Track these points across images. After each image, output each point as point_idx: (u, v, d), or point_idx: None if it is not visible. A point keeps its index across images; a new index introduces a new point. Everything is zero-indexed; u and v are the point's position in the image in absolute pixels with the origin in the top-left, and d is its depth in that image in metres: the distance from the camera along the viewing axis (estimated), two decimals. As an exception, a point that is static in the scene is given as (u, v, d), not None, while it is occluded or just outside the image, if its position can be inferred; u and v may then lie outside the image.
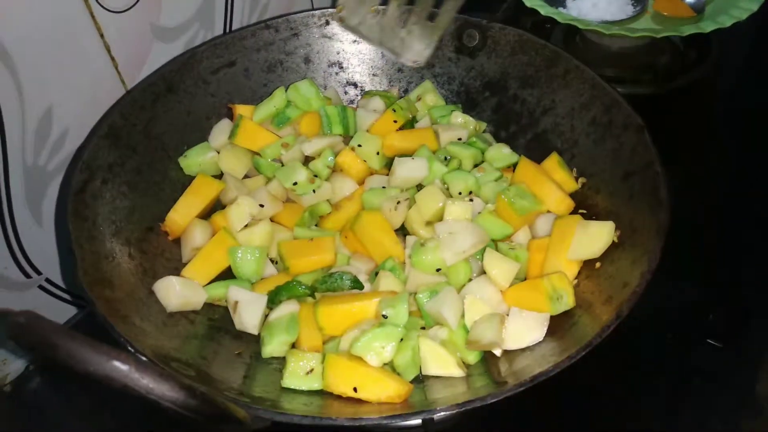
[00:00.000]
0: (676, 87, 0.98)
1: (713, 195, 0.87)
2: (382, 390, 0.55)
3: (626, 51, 1.02)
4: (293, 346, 0.63)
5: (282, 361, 0.61)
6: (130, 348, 0.51)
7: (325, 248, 0.69)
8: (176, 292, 0.64)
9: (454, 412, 0.51)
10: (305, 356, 0.59)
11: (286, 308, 0.64)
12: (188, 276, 0.68)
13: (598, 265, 0.64)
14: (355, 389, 0.55)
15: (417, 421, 0.59)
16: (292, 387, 0.58)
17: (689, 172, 0.90)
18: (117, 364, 0.35)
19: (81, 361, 0.34)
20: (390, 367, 0.60)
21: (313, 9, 0.85)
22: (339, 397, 0.56)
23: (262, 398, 0.54)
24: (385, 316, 0.60)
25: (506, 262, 0.64)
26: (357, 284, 0.66)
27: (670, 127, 0.94)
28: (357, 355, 0.59)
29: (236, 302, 0.65)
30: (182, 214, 0.72)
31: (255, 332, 0.64)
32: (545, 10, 0.96)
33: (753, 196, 0.87)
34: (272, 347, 0.62)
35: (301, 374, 0.58)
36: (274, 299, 0.65)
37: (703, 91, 1.01)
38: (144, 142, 0.74)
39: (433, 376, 0.60)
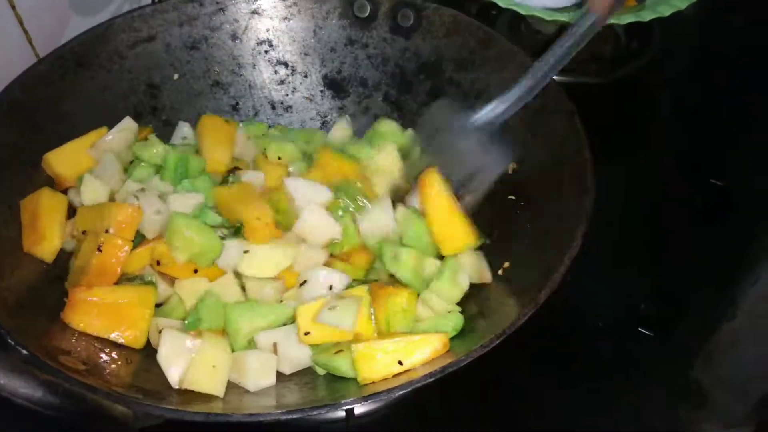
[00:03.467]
0: (619, 76, 0.98)
1: (651, 184, 0.87)
2: (425, 348, 0.53)
3: (571, 39, 1.01)
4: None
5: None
6: (10, 340, 0.47)
7: None
8: None
9: (369, 402, 0.49)
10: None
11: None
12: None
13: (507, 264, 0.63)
14: (400, 362, 0.53)
15: (340, 413, 0.57)
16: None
17: (629, 160, 0.91)
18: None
19: None
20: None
21: (243, -17, 0.80)
22: None
23: (155, 392, 0.50)
24: None
25: None
26: None
27: (612, 116, 0.94)
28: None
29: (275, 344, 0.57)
30: (69, 164, 0.67)
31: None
32: (487, -5, 0.94)
33: (690, 186, 0.87)
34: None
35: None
36: None
37: (645, 80, 1.01)
38: (51, 121, 0.69)
39: None
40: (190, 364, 0.53)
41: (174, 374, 0.53)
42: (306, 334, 0.56)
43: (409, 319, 0.59)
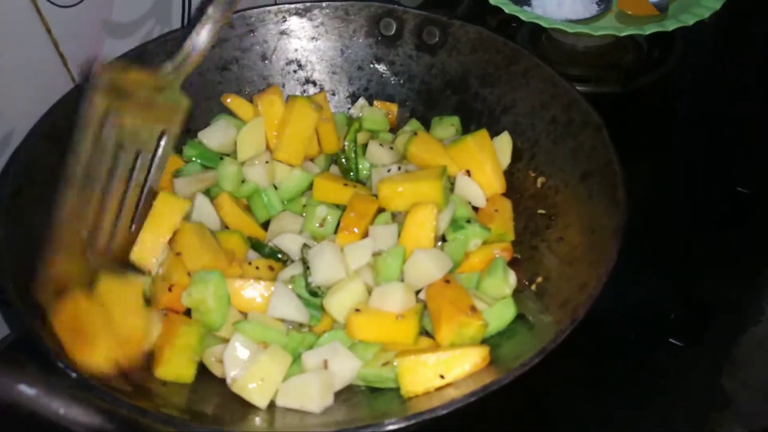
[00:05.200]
0: (641, 85, 0.99)
1: (676, 193, 0.87)
2: (465, 363, 0.54)
3: (591, 50, 1.02)
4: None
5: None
6: (60, 364, 0.48)
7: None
8: None
9: (412, 422, 0.49)
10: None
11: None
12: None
13: (538, 279, 0.64)
14: (442, 376, 0.54)
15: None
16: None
17: (653, 170, 0.90)
18: (23, 388, 0.31)
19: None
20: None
21: (271, 4, 0.82)
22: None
23: (204, 414, 0.51)
24: None
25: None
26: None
27: (635, 126, 0.94)
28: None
29: (326, 361, 0.57)
30: (148, 253, 0.64)
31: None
32: (509, 9, 0.95)
33: (715, 194, 0.87)
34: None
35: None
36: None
37: (667, 89, 1.01)
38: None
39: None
40: (245, 370, 0.54)
41: (230, 376, 0.55)
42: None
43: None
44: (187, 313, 0.62)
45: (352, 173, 0.78)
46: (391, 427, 0.46)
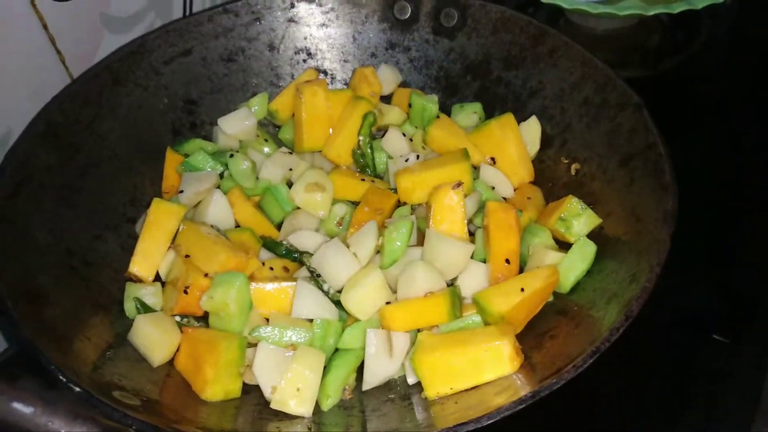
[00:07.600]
0: (667, 68, 0.94)
1: (712, 182, 0.81)
2: (496, 367, 0.50)
3: (613, 33, 0.97)
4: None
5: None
6: (61, 377, 0.43)
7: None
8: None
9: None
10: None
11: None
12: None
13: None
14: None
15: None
16: None
17: (685, 157, 0.85)
18: (18, 406, 0.27)
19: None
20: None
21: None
22: None
23: (221, 430, 0.46)
24: None
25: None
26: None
27: (663, 110, 0.89)
28: None
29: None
30: (147, 264, 0.60)
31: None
32: (528, -10, 0.90)
33: (753, 181, 0.81)
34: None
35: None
36: None
37: (696, 71, 0.96)
38: (89, 141, 0.66)
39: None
40: (281, 384, 0.51)
41: (267, 392, 0.51)
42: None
43: None
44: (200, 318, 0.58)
45: (369, 169, 0.73)
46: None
